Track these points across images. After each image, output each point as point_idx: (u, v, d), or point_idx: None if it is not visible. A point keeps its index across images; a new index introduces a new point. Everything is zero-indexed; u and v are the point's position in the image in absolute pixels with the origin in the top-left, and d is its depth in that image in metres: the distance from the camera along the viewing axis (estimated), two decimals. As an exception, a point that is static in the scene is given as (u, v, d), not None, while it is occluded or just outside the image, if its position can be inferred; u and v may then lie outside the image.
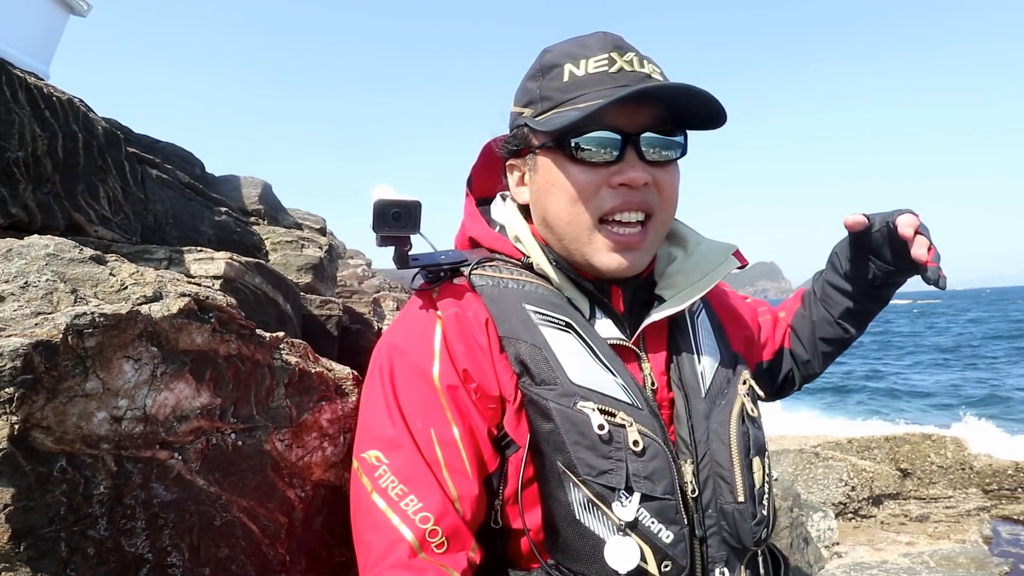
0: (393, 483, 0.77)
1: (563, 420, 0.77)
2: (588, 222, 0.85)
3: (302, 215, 4.19)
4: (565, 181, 0.85)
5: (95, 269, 0.77)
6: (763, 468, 0.86)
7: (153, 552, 0.70)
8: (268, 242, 2.79)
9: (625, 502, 0.75)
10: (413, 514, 0.75)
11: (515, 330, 0.83)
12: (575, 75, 0.84)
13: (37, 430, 0.61)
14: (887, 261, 1.08)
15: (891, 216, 1.03)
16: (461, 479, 0.78)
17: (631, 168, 0.83)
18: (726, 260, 0.94)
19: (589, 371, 0.81)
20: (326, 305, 2.20)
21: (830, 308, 1.19)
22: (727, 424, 0.84)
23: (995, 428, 10.37)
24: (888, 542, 4.98)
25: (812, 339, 1.22)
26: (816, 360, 1.23)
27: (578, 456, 0.76)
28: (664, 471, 0.77)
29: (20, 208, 1.35)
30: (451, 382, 0.81)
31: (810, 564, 3.76)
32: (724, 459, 0.83)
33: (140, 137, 2.69)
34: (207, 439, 0.77)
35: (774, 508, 0.88)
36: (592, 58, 0.83)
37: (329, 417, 0.92)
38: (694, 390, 0.87)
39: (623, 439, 0.77)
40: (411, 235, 0.85)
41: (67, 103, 1.58)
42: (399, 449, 0.78)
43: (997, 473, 5.64)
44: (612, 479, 0.75)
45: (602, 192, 0.84)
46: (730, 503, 0.81)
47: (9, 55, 4.00)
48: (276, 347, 0.89)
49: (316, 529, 0.90)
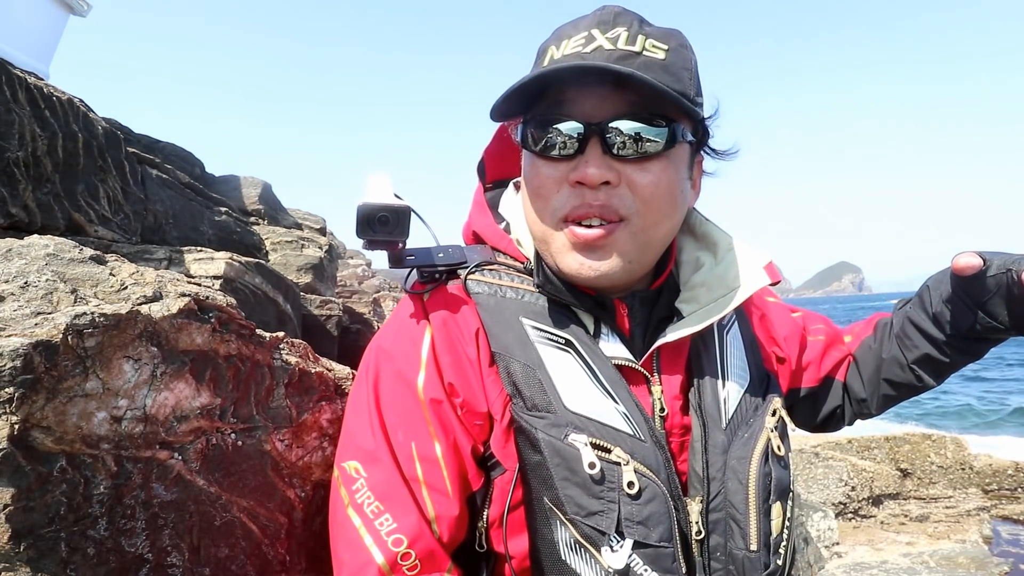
0: (369, 499, 0.73)
1: (552, 453, 0.71)
2: (552, 222, 0.77)
3: (302, 215, 4.19)
4: (531, 177, 0.79)
5: (95, 269, 0.77)
6: (784, 514, 0.76)
7: (153, 552, 0.70)
8: (268, 242, 2.79)
9: (616, 547, 0.68)
10: (386, 535, 0.71)
11: (509, 347, 0.78)
12: (553, 58, 0.75)
13: (37, 430, 0.61)
14: (995, 315, 0.87)
15: (1016, 262, 0.84)
16: (440, 498, 0.74)
17: (586, 163, 0.73)
18: (756, 274, 0.83)
19: (587, 396, 0.74)
20: (326, 305, 2.20)
21: (906, 350, 1.00)
22: (747, 462, 0.75)
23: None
24: (888, 542, 4.98)
25: (875, 378, 1.04)
26: (874, 401, 1.04)
27: (566, 493, 0.70)
28: (662, 516, 0.70)
29: (20, 208, 1.35)
30: (435, 395, 0.77)
31: (810, 564, 3.75)
32: (739, 501, 0.73)
33: (140, 137, 2.69)
34: (207, 439, 0.77)
35: (792, 554, 0.79)
36: (571, 38, 0.74)
37: (329, 417, 0.92)
38: (713, 419, 0.78)
39: (617, 479, 0.70)
40: (399, 241, 0.78)
41: (67, 103, 1.58)
42: (378, 463, 0.75)
43: (997, 473, 5.64)
44: (602, 521, 0.69)
45: (563, 190, 0.76)
46: (741, 550, 0.72)
47: (9, 55, 4.00)
48: (276, 347, 0.89)
49: (316, 529, 0.90)
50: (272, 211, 3.53)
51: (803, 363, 1.04)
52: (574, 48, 0.73)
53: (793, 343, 1.02)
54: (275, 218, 3.50)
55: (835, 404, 1.07)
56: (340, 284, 3.76)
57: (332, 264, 3.13)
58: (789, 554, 0.77)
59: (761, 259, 0.85)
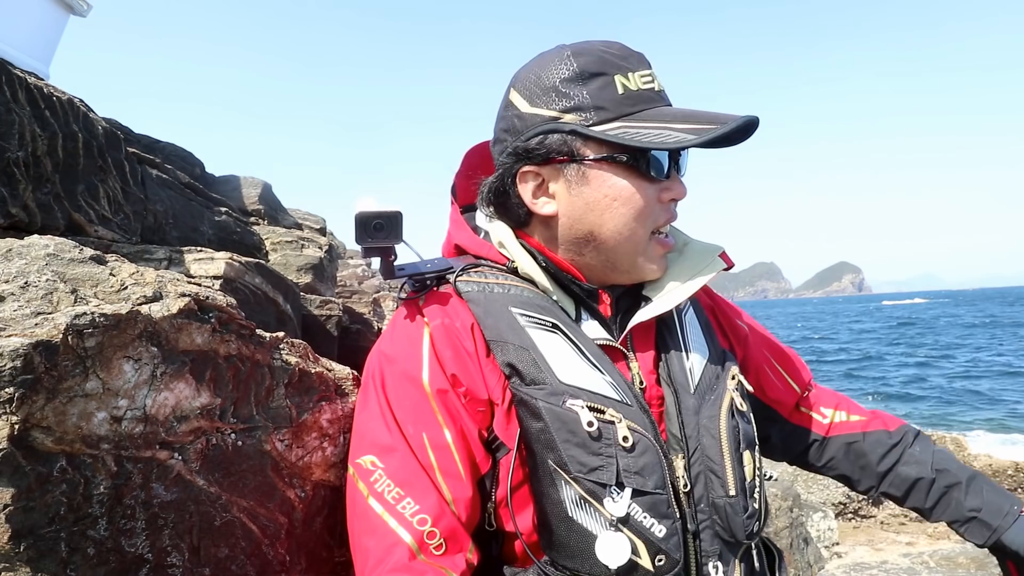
0: (389, 487, 0.77)
1: (553, 418, 0.77)
2: (646, 236, 0.87)
3: (302, 215, 4.19)
4: (634, 196, 0.85)
5: (95, 269, 0.77)
6: (754, 462, 0.86)
7: (153, 552, 0.70)
8: (268, 242, 2.79)
9: (616, 498, 0.75)
10: (411, 516, 0.75)
11: (502, 334, 0.84)
12: (628, 89, 0.83)
13: (37, 430, 0.61)
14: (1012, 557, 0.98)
15: None
16: (455, 482, 0.79)
17: (678, 184, 0.87)
18: (713, 262, 0.93)
19: (577, 370, 0.81)
20: (326, 305, 2.20)
21: (891, 487, 1.08)
22: (717, 419, 0.85)
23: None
24: (888, 542, 4.98)
25: (844, 458, 1.12)
26: (817, 464, 1.14)
27: (568, 454, 0.76)
28: (655, 466, 0.78)
29: (20, 208, 1.35)
30: (441, 386, 0.82)
31: (810, 564, 3.76)
32: (715, 453, 0.83)
33: (140, 137, 2.69)
34: (207, 439, 0.77)
35: (766, 501, 0.89)
36: (636, 72, 0.84)
37: (329, 417, 0.92)
38: (683, 386, 0.87)
39: (613, 435, 0.77)
40: (395, 245, 0.86)
41: (67, 103, 1.58)
42: (394, 453, 0.79)
43: (997, 473, 5.64)
44: (602, 475, 0.76)
45: (655, 208, 0.87)
46: (721, 497, 0.81)
47: (9, 55, 4.01)
48: (276, 347, 0.89)
49: (316, 529, 0.90)
50: (272, 211, 3.54)
51: (746, 365, 1.10)
52: (644, 84, 0.84)
53: (737, 338, 1.10)
54: (275, 218, 3.50)
55: (763, 428, 1.10)
56: (340, 284, 3.76)
57: (332, 264, 3.13)
58: (763, 500, 0.87)
59: (714, 249, 0.95)
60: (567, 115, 0.84)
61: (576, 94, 0.84)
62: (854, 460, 1.11)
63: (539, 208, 0.89)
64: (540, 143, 0.85)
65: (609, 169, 0.85)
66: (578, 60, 0.85)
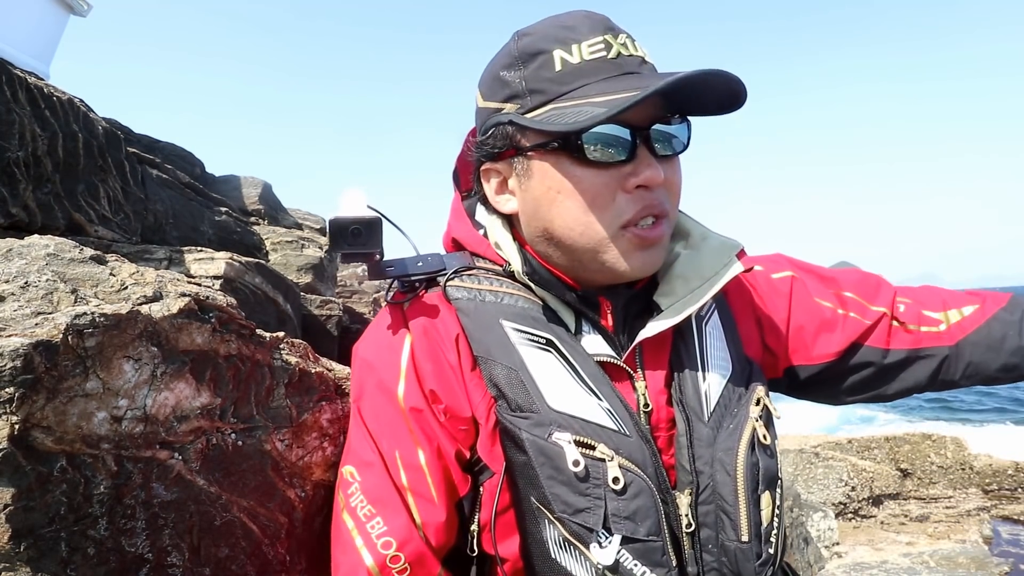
0: (362, 503, 0.75)
1: (536, 452, 0.71)
2: (606, 231, 0.76)
3: (302, 215, 4.19)
4: (574, 188, 0.75)
5: (95, 269, 0.77)
6: (773, 503, 0.76)
7: (153, 552, 0.70)
8: (268, 242, 2.79)
9: (604, 543, 0.68)
10: (376, 538, 0.73)
11: (490, 350, 0.77)
12: (568, 62, 0.73)
13: (37, 430, 0.61)
14: None
15: None
16: (426, 504, 0.75)
17: (646, 167, 0.74)
18: (730, 262, 0.82)
19: (570, 395, 0.74)
20: (326, 305, 2.20)
21: None
22: (734, 453, 0.74)
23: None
24: (888, 542, 4.98)
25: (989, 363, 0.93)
26: (966, 378, 0.94)
27: (552, 492, 0.70)
28: (648, 510, 0.70)
29: (20, 208, 1.35)
30: (416, 404, 0.77)
31: (810, 564, 3.75)
32: (728, 493, 0.73)
33: (140, 137, 2.69)
34: (207, 439, 0.77)
35: (784, 541, 0.79)
36: (584, 42, 0.73)
37: (329, 417, 0.92)
38: (695, 412, 0.77)
39: (602, 475, 0.69)
40: (374, 252, 0.79)
41: (67, 103, 1.58)
42: (371, 468, 0.77)
43: (997, 473, 5.64)
44: (589, 518, 0.68)
45: (619, 198, 0.75)
46: (732, 541, 0.72)
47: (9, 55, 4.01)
48: (276, 347, 0.89)
49: (316, 529, 0.90)
50: (272, 211, 3.54)
51: (811, 334, 0.95)
52: (593, 53, 0.73)
53: (787, 315, 0.96)
54: (275, 218, 3.50)
55: (865, 374, 0.96)
56: (340, 284, 3.76)
57: (332, 264, 3.13)
58: (780, 541, 0.77)
59: (732, 247, 0.84)
60: (507, 104, 0.78)
61: (513, 79, 0.77)
62: (995, 355, 0.93)
63: (501, 206, 0.85)
64: (489, 138, 0.81)
65: (548, 157, 0.76)
66: (521, 41, 0.78)
